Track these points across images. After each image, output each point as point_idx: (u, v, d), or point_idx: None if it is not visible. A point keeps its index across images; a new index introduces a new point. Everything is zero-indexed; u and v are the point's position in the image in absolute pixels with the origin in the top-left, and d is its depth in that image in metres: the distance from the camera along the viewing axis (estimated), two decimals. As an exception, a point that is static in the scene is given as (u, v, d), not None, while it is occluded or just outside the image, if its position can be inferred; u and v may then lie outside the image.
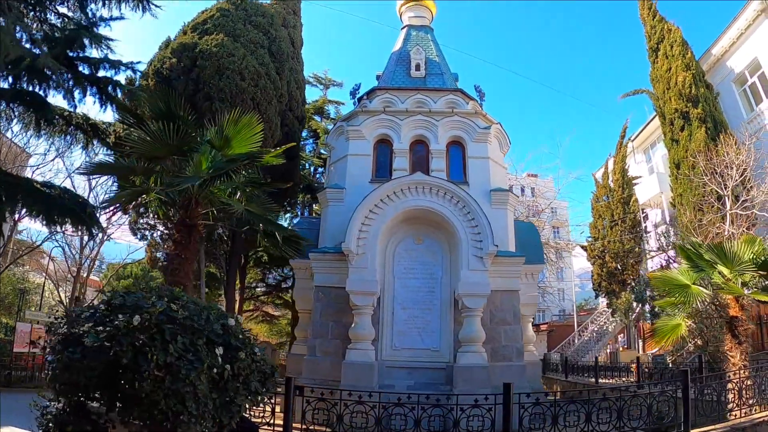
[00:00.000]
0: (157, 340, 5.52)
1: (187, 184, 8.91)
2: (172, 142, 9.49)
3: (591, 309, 44.03)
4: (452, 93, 17.01)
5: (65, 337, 6.03)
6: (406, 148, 15.71)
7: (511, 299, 14.73)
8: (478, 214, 13.93)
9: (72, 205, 14.39)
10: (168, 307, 5.82)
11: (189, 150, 9.76)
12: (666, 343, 12.40)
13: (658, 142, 30.54)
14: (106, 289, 41.05)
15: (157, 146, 9.55)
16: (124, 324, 5.54)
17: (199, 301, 6.47)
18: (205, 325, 5.91)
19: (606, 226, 28.07)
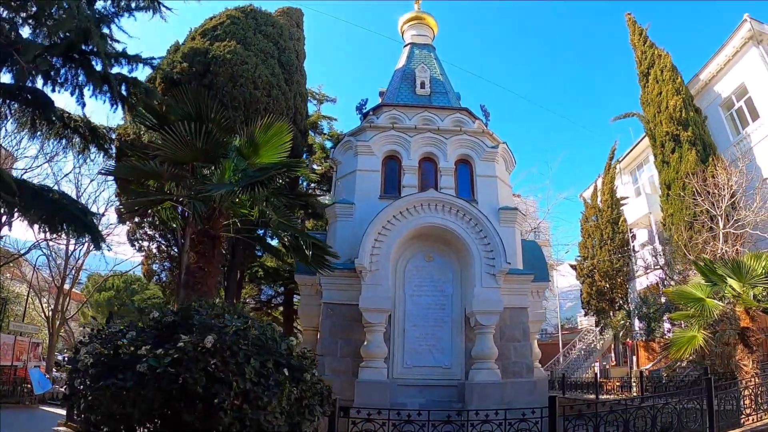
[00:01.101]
0: (230, 363, 5.04)
1: (220, 191, 8.62)
2: (201, 147, 9.10)
3: (572, 327, 44.44)
4: (458, 112, 17.14)
5: (107, 360, 5.47)
6: (415, 164, 15.73)
7: (520, 316, 14.84)
8: (491, 232, 13.98)
9: (75, 212, 14.01)
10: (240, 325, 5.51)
11: (217, 156, 9.45)
12: (683, 354, 12.71)
13: (644, 164, 31.24)
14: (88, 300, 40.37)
15: (185, 150, 9.13)
16: (192, 346, 5.01)
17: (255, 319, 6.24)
18: (274, 345, 5.63)
19: (595, 245, 28.48)
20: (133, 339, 5.50)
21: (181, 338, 5.20)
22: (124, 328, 6.23)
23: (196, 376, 4.85)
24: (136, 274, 40.42)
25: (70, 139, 16.33)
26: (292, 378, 5.56)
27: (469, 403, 12.63)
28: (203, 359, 4.96)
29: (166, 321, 5.68)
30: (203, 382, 4.87)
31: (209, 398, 4.86)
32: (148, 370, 4.89)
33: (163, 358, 4.94)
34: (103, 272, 36.60)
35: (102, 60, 12.66)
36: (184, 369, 4.86)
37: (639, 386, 18.67)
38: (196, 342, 5.06)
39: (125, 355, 5.36)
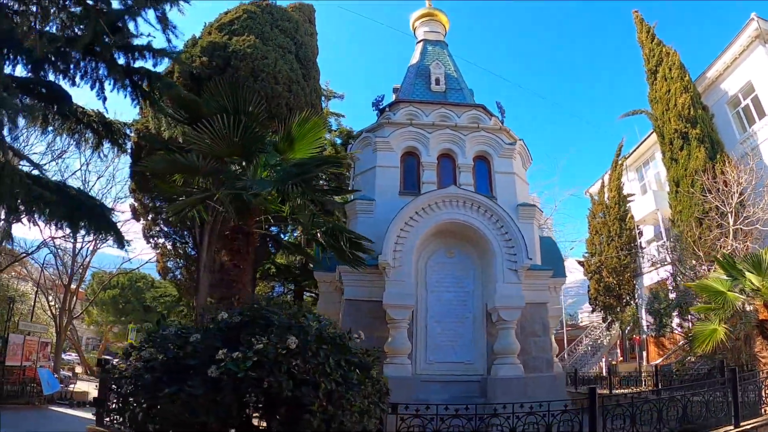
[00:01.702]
0: (310, 363, 4.87)
1: (266, 188, 8.54)
2: (238, 141, 8.95)
3: (574, 324, 44.64)
4: (475, 108, 17.13)
5: (167, 365, 5.28)
6: (434, 161, 15.72)
7: (540, 311, 14.91)
8: (512, 228, 14.00)
9: (97, 210, 13.85)
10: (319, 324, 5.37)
11: (254, 150, 9.31)
12: (706, 347, 12.97)
13: (650, 161, 31.39)
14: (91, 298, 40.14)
15: (221, 145, 8.94)
16: (273, 348, 4.79)
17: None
18: (342, 343, 5.53)
19: (602, 241, 28.59)
20: (198, 342, 5.36)
21: (256, 340, 4.99)
22: (179, 330, 6.12)
23: (281, 380, 4.68)
24: (141, 272, 40.41)
25: (83, 134, 16.13)
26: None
27: (492, 398, 12.63)
28: (285, 361, 4.79)
29: (233, 322, 5.49)
30: (290, 385, 4.70)
31: (292, 402, 4.69)
32: (225, 375, 4.69)
33: (243, 361, 4.72)
34: (108, 270, 36.50)
35: (126, 53, 12.50)
36: (266, 372, 4.67)
37: (653, 380, 18.83)
38: (277, 343, 4.86)
39: (192, 359, 5.20)
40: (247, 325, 5.42)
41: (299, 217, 10.33)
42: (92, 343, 58.41)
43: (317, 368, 4.89)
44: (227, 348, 5.02)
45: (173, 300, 28.35)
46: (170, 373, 5.20)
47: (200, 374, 4.94)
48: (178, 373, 5.17)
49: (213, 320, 5.81)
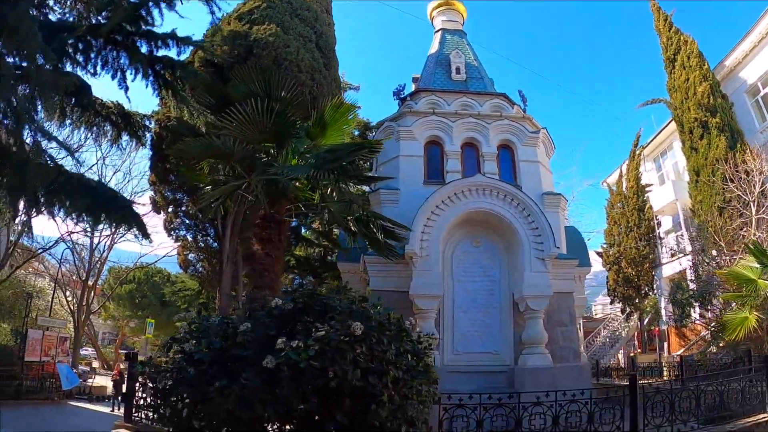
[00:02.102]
0: (375, 350, 4.62)
1: (300, 173, 8.38)
2: (270, 126, 8.77)
3: (589, 316, 44.35)
4: (497, 97, 16.97)
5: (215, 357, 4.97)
6: (458, 150, 15.55)
7: (566, 301, 14.78)
8: (539, 217, 13.84)
9: (120, 202, 13.72)
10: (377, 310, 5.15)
11: (287, 136, 9.13)
12: (737, 335, 12.83)
13: (668, 151, 31.11)
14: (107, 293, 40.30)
15: (253, 130, 8.71)
16: (336, 335, 4.49)
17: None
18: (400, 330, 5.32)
19: (621, 232, 28.34)
20: (248, 331, 5.05)
21: (315, 327, 4.70)
22: (223, 320, 5.86)
23: (347, 368, 4.42)
24: (158, 266, 40.49)
25: (101, 127, 15.97)
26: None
27: (521, 389, 12.47)
28: (350, 349, 4.53)
29: (286, 309, 5.23)
30: (357, 374, 4.43)
31: (358, 392, 4.44)
32: (285, 365, 4.41)
33: (304, 350, 4.44)
34: (124, 265, 36.61)
35: (148, 42, 12.36)
36: (329, 361, 4.42)
37: (676, 371, 18.64)
38: (341, 330, 4.60)
39: (241, 350, 4.92)
40: (301, 313, 5.16)
41: (329, 205, 10.18)
42: (108, 338, 58.68)
43: (382, 356, 4.67)
44: (281, 337, 4.83)
45: (193, 294, 28.32)
46: (217, 365, 4.96)
47: (252, 366, 4.70)
48: (225, 366, 4.93)
49: (263, 308, 5.59)
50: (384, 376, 4.60)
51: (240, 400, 4.58)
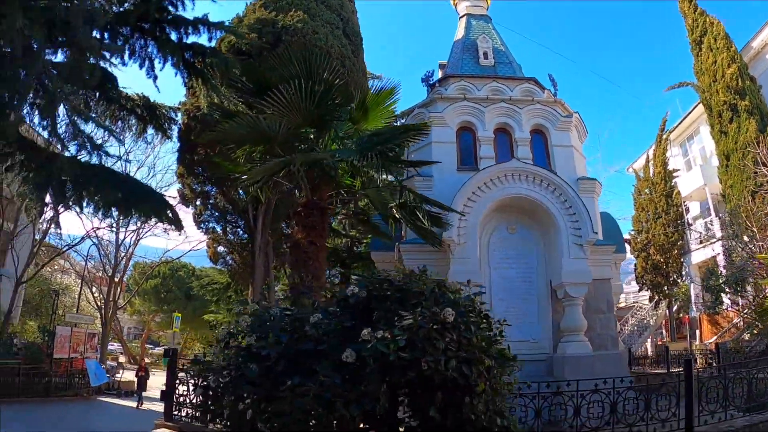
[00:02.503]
0: (464, 338, 4.30)
1: (348, 156, 8.13)
2: (312, 110, 8.51)
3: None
4: (527, 82, 16.67)
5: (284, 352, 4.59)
6: (491, 135, 15.26)
7: (604, 288, 14.52)
8: (576, 202, 13.58)
9: (152, 195, 13.55)
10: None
11: (330, 119, 8.87)
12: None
13: (695, 135, 30.60)
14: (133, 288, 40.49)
15: (295, 114, 8.40)
16: (426, 323, 4.12)
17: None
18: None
19: (649, 219, 27.90)
20: (319, 323, 4.71)
21: (399, 316, 4.32)
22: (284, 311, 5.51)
23: (440, 358, 4.07)
24: (182, 261, 40.65)
25: (126, 121, 15.74)
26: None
27: (560, 377, 12.26)
28: (440, 337, 4.19)
29: (361, 297, 4.86)
30: (453, 364, 4.08)
31: (450, 383, 4.11)
32: (371, 358, 4.06)
33: (392, 341, 4.05)
34: (149, 261, 36.72)
35: (177, 29, 12.13)
36: (421, 351, 4.07)
37: (710, 359, 18.39)
38: (430, 317, 4.23)
39: (312, 344, 4.58)
40: (376, 301, 4.82)
41: (369, 192, 9.96)
42: (133, 333, 59.14)
43: (474, 343, 4.41)
44: (357, 328, 4.51)
45: (221, 287, 28.32)
46: (285, 361, 4.63)
47: (327, 360, 4.40)
48: (294, 362, 4.60)
49: (334, 297, 5.30)
50: (477, 365, 4.32)
51: (318, 399, 4.22)
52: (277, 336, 4.87)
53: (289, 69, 8.73)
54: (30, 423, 14.76)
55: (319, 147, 9.17)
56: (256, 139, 9.00)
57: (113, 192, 12.85)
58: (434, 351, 4.15)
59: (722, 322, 24.12)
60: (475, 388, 4.21)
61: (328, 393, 4.17)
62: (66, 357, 22.40)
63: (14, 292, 24.06)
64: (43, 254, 27.80)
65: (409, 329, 4.18)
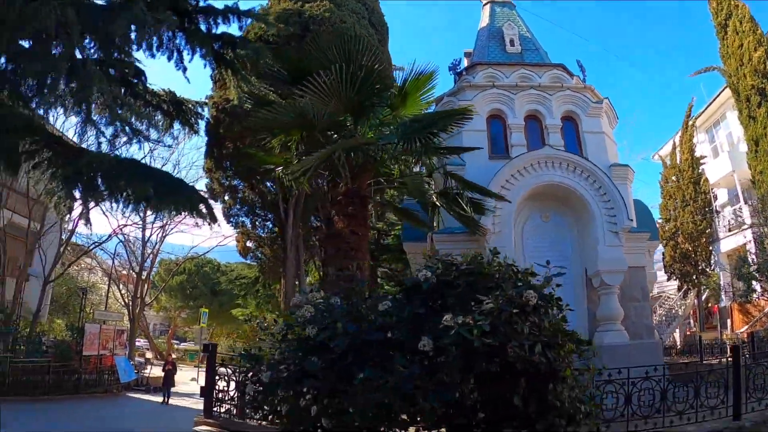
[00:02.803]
0: (543, 321, 4.19)
1: (392, 140, 7.96)
2: (353, 96, 8.34)
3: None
4: (555, 68, 16.46)
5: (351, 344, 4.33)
6: (521, 123, 15.08)
7: (639, 276, 14.28)
8: (611, 188, 13.39)
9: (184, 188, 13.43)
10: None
11: (370, 106, 8.71)
12: None
13: (721, 121, 30.05)
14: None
15: (335, 101, 8.22)
16: (508, 306, 3.97)
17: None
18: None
19: (677, 206, 27.46)
20: (389, 311, 4.46)
21: (475, 301, 4.15)
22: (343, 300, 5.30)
23: (525, 343, 3.91)
24: (207, 257, 40.86)
25: (152, 118, 15.61)
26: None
27: (597, 366, 12.11)
28: (522, 321, 4.05)
29: (431, 283, 4.63)
30: (539, 348, 3.92)
31: (531, 369, 3.93)
32: (453, 346, 3.83)
33: (474, 326, 3.85)
34: (174, 257, 36.92)
35: (206, 18, 11.99)
36: (504, 337, 3.90)
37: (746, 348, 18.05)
38: (511, 301, 4.05)
39: (392, 332, 4.30)
40: (446, 287, 4.64)
41: (406, 181, 9.80)
42: (159, 329, 59.67)
43: (556, 326, 4.24)
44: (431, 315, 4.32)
45: (249, 281, 28.38)
46: (352, 353, 4.42)
47: (399, 350, 4.20)
48: (361, 353, 4.40)
49: (399, 284, 5.06)
50: (559, 349, 4.14)
51: (395, 392, 4.01)
52: (345, 326, 4.63)
53: (327, 55, 8.55)
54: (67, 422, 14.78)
55: (358, 134, 9.00)
56: (298, 126, 8.78)
57: (145, 185, 12.60)
58: (518, 336, 3.96)
59: (753, 311, 23.70)
60: (560, 374, 4.01)
61: (408, 385, 3.95)
62: (95, 354, 22.51)
63: (42, 291, 24.27)
64: (69, 253, 27.99)
65: (491, 314, 4.02)
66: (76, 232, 26.56)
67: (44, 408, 16.68)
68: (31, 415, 14.83)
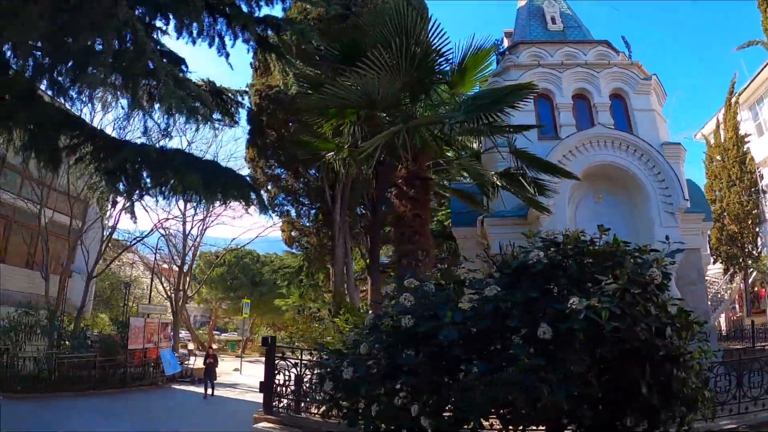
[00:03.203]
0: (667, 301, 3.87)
1: (460, 117, 7.65)
2: (412, 72, 7.99)
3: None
4: (599, 45, 15.99)
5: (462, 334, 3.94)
6: (569, 102, 14.69)
7: (694, 258, 13.85)
8: (665, 168, 12.97)
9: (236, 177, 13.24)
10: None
11: (430, 83, 8.41)
12: None
13: (765, 98, 29.01)
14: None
15: (394, 78, 7.86)
16: (631, 286, 3.63)
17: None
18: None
19: (722, 187, 26.58)
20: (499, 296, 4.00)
21: (595, 281, 3.83)
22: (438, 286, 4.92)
23: (653, 325, 3.60)
24: (247, 248, 41.17)
25: (192, 109, 15.44)
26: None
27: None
28: (645, 301, 3.73)
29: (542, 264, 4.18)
30: (669, 332, 3.63)
31: (654, 352, 3.62)
32: (580, 330, 3.46)
33: (602, 309, 3.46)
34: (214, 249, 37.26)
35: (249, 3, 11.74)
36: (632, 319, 3.56)
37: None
38: (634, 280, 3.70)
39: (508, 319, 3.90)
40: (554, 268, 4.23)
41: (464, 163, 9.50)
42: (200, 321, 60.46)
43: (678, 308, 3.92)
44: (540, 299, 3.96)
45: (293, 271, 28.45)
46: (460, 344, 4.05)
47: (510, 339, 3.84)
48: (467, 343, 4.03)
49: (501, 267, 4.61)
50: (684, 331, 3.84)
51: (512, 387, 3.63)
52: (452, 316, 4.20)
53: (383, 31, 8.25)
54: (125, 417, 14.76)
55: (416, 113, 8.72)
56: (358, 105, 8.43)
57: (194, 175, 12.26)
58: (645, 317, 3.66)
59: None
60: (684, 358, 3.71)
61: (530, 377, 3.57)
62: (140, 347, 22.69)
63: (86, 286, 24.54)
64: (111, 249, 28.27)
65: (615, 295, 3.66)
66: (117, 228, 26.81)
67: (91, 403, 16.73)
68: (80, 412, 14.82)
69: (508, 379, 3.63)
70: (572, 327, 3.54)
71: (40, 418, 13.38)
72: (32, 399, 15.99)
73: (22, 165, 21.54)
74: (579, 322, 3.53)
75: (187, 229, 29.82)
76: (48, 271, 22.70)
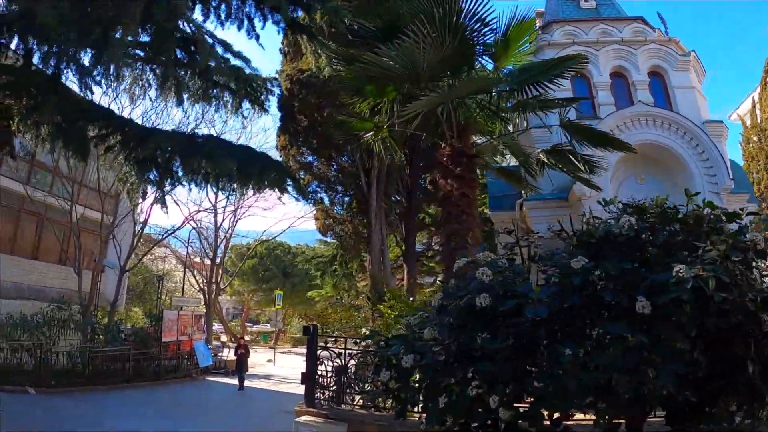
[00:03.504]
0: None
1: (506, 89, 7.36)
2: (455, 45, 7.57)
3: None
4: (634, 21, 15.64)
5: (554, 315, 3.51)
6: (607, 80, 14.35)
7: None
8: (709, 147, 12.61)
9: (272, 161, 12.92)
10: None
11: (472, 56, 8.12)
12: None
13: (798, 74, 28.01)
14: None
15: (436, 52, 7.48)
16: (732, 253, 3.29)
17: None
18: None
19: (761, 169, 25.77)
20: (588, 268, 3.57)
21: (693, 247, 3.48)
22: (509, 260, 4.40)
23: (759, 297, 3.23)
24: (278, 240, 41.30)
25: (220, 98, 15.20)
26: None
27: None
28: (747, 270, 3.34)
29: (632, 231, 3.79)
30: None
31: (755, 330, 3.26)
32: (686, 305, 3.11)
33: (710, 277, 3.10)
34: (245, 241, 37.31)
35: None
36: (735, 288, 3.15)
37: None
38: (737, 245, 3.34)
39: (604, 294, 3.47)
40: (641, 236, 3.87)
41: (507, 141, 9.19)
42: (232, 312, 60.95)
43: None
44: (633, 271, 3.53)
45: (326, 260, 28.36)
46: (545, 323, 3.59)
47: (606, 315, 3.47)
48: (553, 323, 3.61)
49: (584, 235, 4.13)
50: None
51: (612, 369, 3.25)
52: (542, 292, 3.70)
53: (419, 4, 7.96)
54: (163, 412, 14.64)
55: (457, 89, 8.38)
56: (400, 79, 8.20)
57: (227, 161, 11.89)
58: (752, 287, 3.29)
59: None
60: None
61: (632, 358, 3.20)
62: (174, 340, 22.73)
63: (119, 280, 24.71)
64: (142, 244, 28.44)
65: (715, 262, 3.28)
66: (148, 223, 26.95)
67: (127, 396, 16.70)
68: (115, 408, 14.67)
69: (608, 361, 3.27)
70: (680, 297, 3.14)
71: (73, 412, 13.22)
72: (66, 393, 15.96)
73: (53, 163, 21.82)
74: (686, 292, 3.17)
75: (218, 221, 30.10)
76: (80, 266, 22.85)
